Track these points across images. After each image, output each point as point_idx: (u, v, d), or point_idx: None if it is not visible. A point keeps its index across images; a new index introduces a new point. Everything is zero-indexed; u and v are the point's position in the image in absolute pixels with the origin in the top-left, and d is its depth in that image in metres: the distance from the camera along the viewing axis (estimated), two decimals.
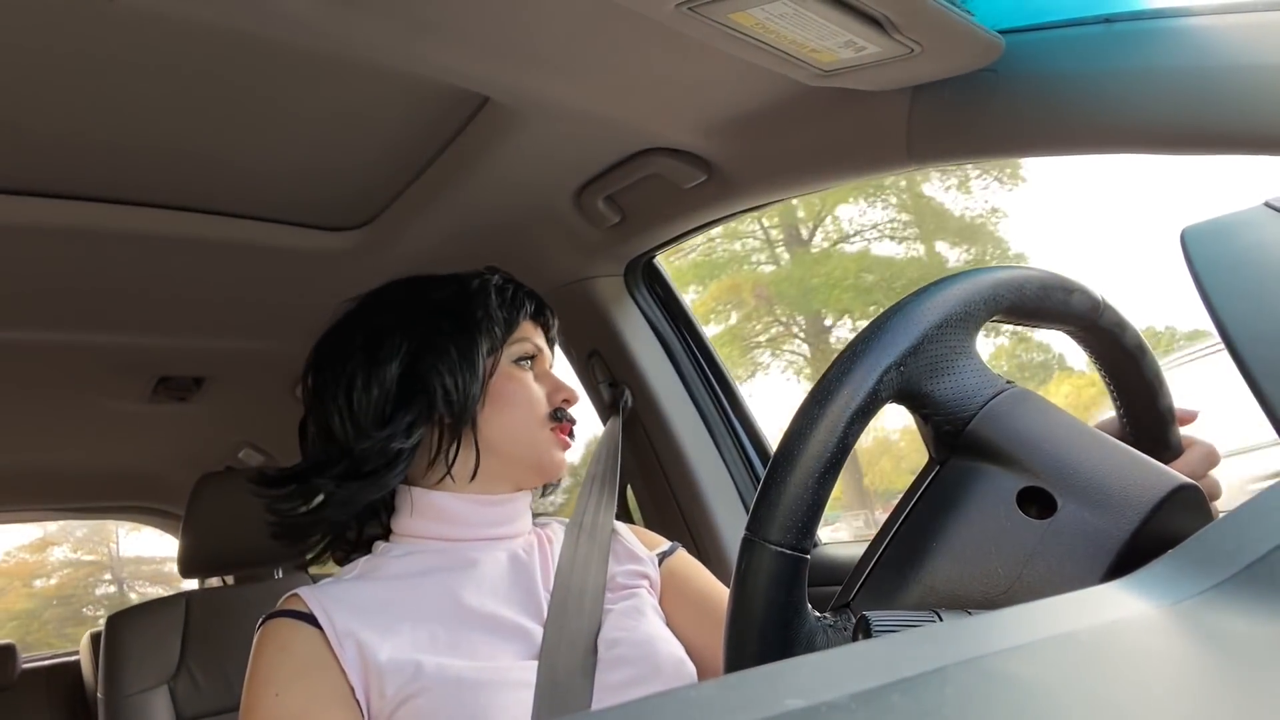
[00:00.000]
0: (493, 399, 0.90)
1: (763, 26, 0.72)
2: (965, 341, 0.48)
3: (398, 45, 0.78)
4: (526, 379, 0.93)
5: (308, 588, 0.83)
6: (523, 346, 0.94)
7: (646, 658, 0.82)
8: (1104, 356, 0.57)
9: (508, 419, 0.90)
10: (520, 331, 0.94)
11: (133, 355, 1.58)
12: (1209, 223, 0.45)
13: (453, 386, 0.87)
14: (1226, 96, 0.68)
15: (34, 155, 0.95)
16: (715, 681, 0.24)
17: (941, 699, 0.23)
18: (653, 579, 0.94)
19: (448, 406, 0.87)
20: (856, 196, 10.09)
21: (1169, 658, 0.27)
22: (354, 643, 0.77)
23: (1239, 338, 0.39)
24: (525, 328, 0.95)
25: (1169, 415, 0.59)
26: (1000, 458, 0.46)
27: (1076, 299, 0.53)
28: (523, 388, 0.92)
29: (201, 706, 1.50)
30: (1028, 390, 0.49)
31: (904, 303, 0.47)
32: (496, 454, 0.90)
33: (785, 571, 0.42)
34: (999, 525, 0.44)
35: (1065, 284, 0.52)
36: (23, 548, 10.85)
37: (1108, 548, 0.41)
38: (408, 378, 0.88)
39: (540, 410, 0.91)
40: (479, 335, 0.90)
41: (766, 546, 0.42)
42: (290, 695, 0.74)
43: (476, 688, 0.74)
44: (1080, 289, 0.53)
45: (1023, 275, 0.50)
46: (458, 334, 0.90)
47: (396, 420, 0.87)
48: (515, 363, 0.93)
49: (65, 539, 10.80)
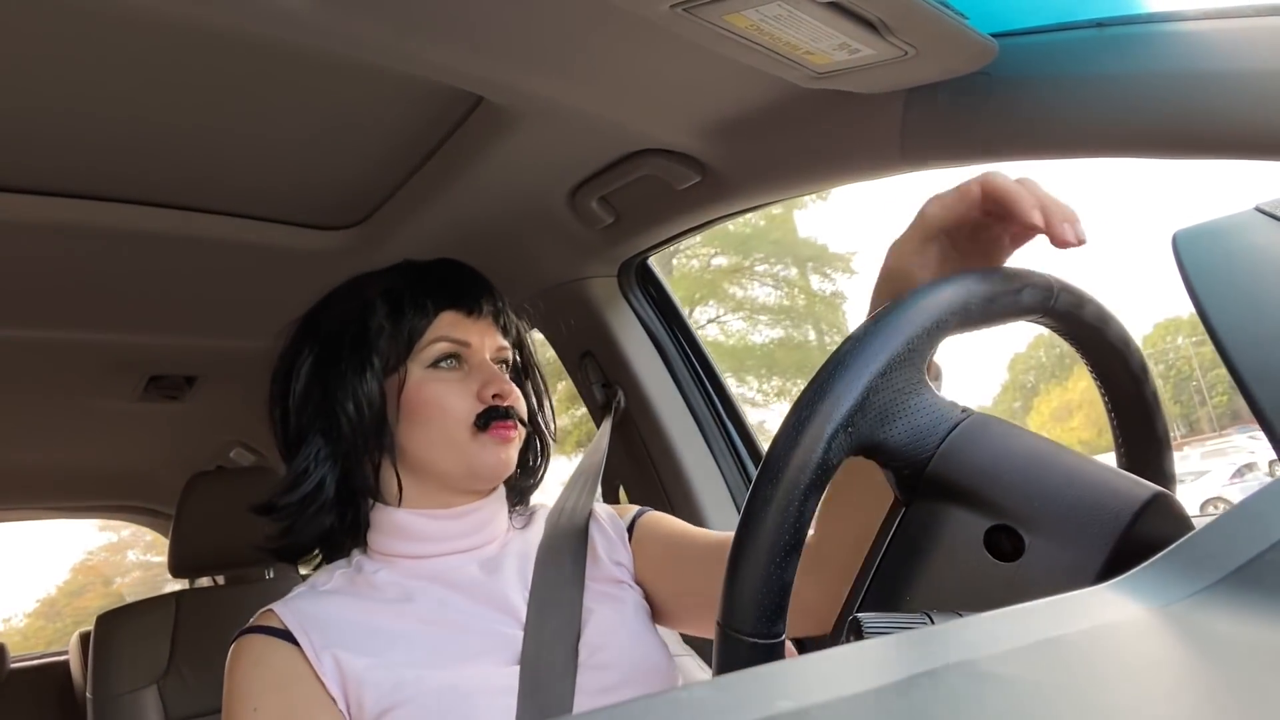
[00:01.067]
0: (407, 414, 0.85)
1: (757, 28, 0.72)
2: (914, 378, 0.45)
3: (392, 45, 0.78)
4: (446, 384, 0.86)
5: (282, 603, 0.81)
6: (439, 347, 0.87)
7: (630, 662, 0.82)
8: (1072, 336, 0.56)
9: (427, 433, 0.85)
10: (434, 331, 0.87)
11: (124, 354, 1.57)
12: (1200, 226, 0.45)
13: (353, 412, 0.84)
14: (1218, 101, 0.68)
15: (25, 153, 0.95)
16: (707, 683, 0.24)
17: (933, 701, 0.23)
18: (626, 564, 0.91)
19: (355, 432, 0.84)
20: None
21: (1160, 660, 0.27)
22: (331, 656, 0.76)
23: (1230, 341, 0.39)
24: (442, 323, 0.88)
25: (1142, 373, 0.57)
26: (964, 497, 0.44)
27: (1027, 294, 0.50)
28: (439, 395, 0.85)
29: (190, 706, 1.50)
30: (987, 416, 0.47)
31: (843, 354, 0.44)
32: (423, 470, 0.86)
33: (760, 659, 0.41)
34: (968, 570, 0.43)
35: (1011, 283, 0.50)
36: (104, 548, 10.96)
37: (1080, 582, 0.39)
38: (316, 404, 0.86)
39: (463, 415, 0.85)
40: (372, 353, 0.85)
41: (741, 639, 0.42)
42: (270, 708, 0.73)
43: (457, 697, 0.73)
44: (1029, 282, 0.51)
45: (965, 291, 0.48)
46: (352, 353, 0.85)
47: (306, 450, 0.85)
48: (432, 366, 0.87)
49: (137, 543, 10.90)
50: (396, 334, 0.86)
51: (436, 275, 0.92)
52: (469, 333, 0.89)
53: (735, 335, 11.53)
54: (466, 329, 0.89)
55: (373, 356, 0.85)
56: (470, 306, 0.90)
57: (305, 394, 0.87)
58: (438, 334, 0.87)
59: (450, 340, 0.87)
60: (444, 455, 0.85)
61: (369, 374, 0.85)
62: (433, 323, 0.87)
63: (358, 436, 0.85)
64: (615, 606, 0.86)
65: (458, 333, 0.88)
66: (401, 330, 0.86)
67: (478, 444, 0.85)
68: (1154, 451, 0.58)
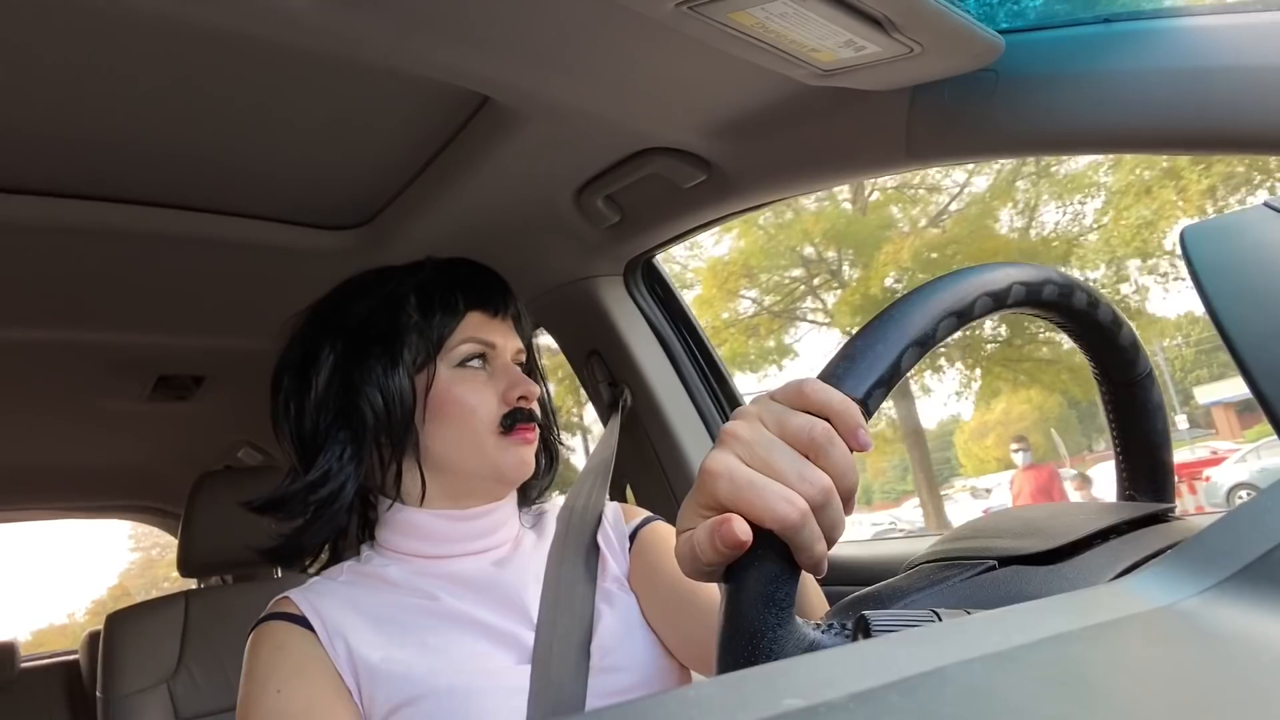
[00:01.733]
0: (433, 413, 0.84)
1: (762, 26, 0.72)
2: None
3: (398, 44, 0.78)
4: (472, 384, 0.85)
5: (297, 590, 0.82)
6: (468, 347, 0.86)
7: (641, 664, 0.81)
8: (1078, 334, 0.55)
9: (452, 433, 0.84)
10: (463, 331, 0.87)
11: (132, 354, 1.58)
12: (1209, 222, 0.44)
13: (381, 407, 0.83)
14: (1225, 97, 0.68)
15: (33, 154, 0.95)
16: (713, 681, 0.24)
17: (941, 699, 0.23)
18: (624, 570, 0.89)
19: (380, 429, 0.83)
20: None
21: (1167, 657, 0.27)
22: (344, 643, 0.76)
23: (1239, 338, 0.39)
24: (470, 323, 0.87)
25: (1131, 345, 0.56)
26: None
27: (979, 302, 0.47)
28: (466, 395, 0.85)
29: (200, 706, 1.50)
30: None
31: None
32: (448, 471, 0.85)
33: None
34: None
35: (1038, 276, 0.50)
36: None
37: None
38: (339, 400, 0.84)
39: (488, 416, 0.84)
40: (403, 348, 0.84)
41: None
42: (293, 691, 0.74)
43: (469, 695, 0.73)
44: (1049, 278, 0.50)
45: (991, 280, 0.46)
46: (382, 349, 0.84)
47: (330, 449, 0.83)
48: (460, 366, 0.86)
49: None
50: (427, 331, 0.85)
51: (463, 274, 0.91)
52: (494, 334, 0.88)
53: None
54: (493, 330, 0.88)
55: (404, 351, 0.84)
56: (496, 307, 0.89)
57: (327, 389, 0.85)
58: (466, 334, 0.87)
59: (478, 341, 0.87)
60: (469, 455, 0.85)
61: (401, 369, 0.84)
62: (461, 322, 0.87)
63: (383, 433, 0.84)
64: (620, 608, 0.86)
65: (485, 333, 0.88)
66: (431, 328, 0.85)
67: (502, 445, 0.85)
68: (1154, 452, 0.58)
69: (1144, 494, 0.59)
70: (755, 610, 0.39)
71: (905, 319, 0.44)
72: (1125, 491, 0.60)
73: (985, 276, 0.47)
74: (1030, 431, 14.60)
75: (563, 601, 0.82)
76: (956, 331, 0.46)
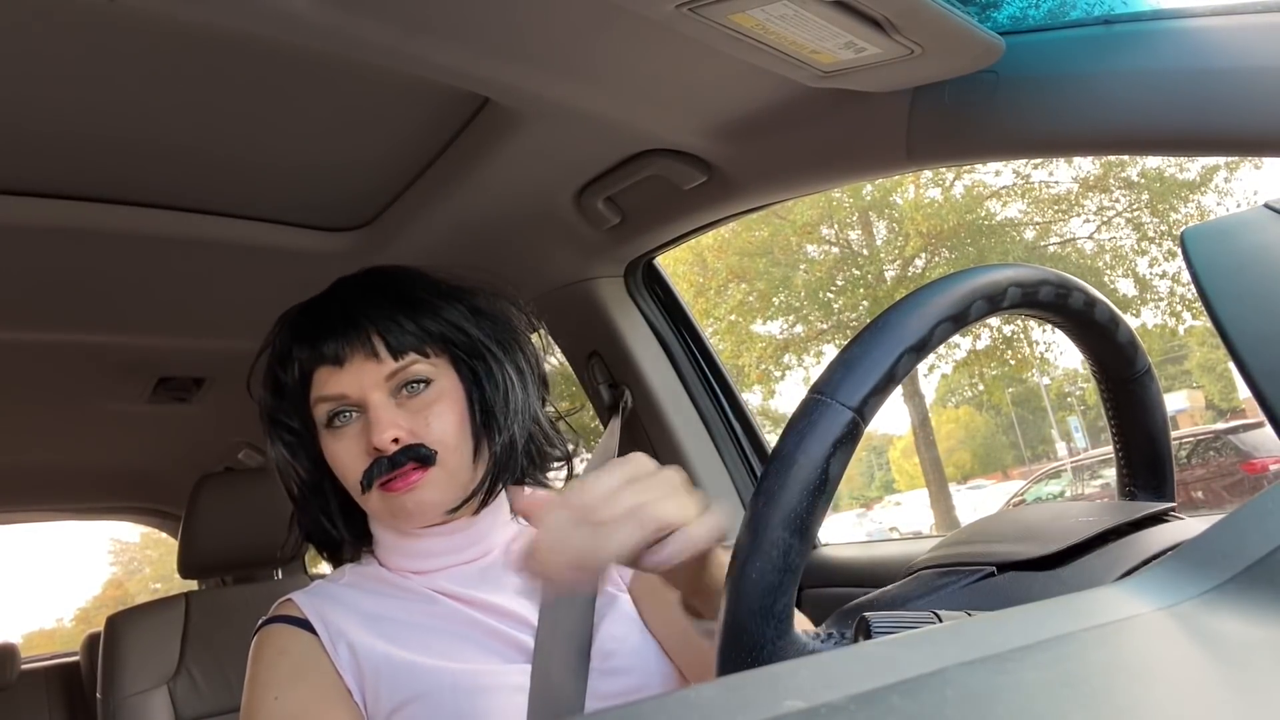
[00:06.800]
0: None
1: (763, 27, 0.72)
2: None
3: (398, 46, 0.78)
4: (344, 442, 0.80)
5: (301, 592, 0.82)
6: (322, 409, 0.80)
7: (643, 667, 0.81)
8: (1077, 334, 0.56)
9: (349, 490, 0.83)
10: (315, 391, 0.81)
11: (133, 356, 1.58)
12: (1209, 224, 0.45)
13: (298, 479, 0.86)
14: (1226, 98, 0.68)
15: (34, 155, 0.95)
16: (715, 683, 0.24)
17: (941, 701, 0.23)
18: (622, 574, 0.89)
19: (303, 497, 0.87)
20: None
21: (1168, 659, 0.27)
22: (346, 645, 0.77)
23: (1239, 339, 0.39)
24: (318, 381, 0.80)
25: (1129, 343, 0.57)
26: None
27: (975, 306, 0.47)
28: (338, 456, 0.80)
29: (201, 707, 1.50)
30: None
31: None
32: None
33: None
34: None
35: (1034, 276, 0.49)
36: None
37: None
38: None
39: (353, 478, 0.79)
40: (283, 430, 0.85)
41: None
42: (289, 697, 0.74)
43: (471, 693, 0.74)
44: (1046, 279, 0.50)
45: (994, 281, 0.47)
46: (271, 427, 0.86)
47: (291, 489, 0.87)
48: (327, 427, 0.81)
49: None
50: (289, 407, 0.84)
51: (303, 328, 0.83)
52: (341, 384, 0.79)
53: None
54: (338, 381, 0.80)
55: (284, 433, 0.85)
56: (334, 356, 0.80)
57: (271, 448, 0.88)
58: (317, 395, 0.81)
59: (327, 399, 0.80)
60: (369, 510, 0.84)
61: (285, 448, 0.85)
62: (311, 382, 0.81)
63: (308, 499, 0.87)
64: (622, 612, 0.86)
65: (331, 389, 0.80)
66: (287, 402, 0.83)
67: (378, 499, 0.79)
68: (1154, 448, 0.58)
69: (1144, 490, 0.59)
70: (754, 622, 0.39)
71: (901, 325, 0.44)
72: (1126, 489, 0.60)
73: (981, 279, 0.47)
74: (957, 450, 14.46)
75: (562, 604, 0.82)
76: (953, 336, 0.46)
